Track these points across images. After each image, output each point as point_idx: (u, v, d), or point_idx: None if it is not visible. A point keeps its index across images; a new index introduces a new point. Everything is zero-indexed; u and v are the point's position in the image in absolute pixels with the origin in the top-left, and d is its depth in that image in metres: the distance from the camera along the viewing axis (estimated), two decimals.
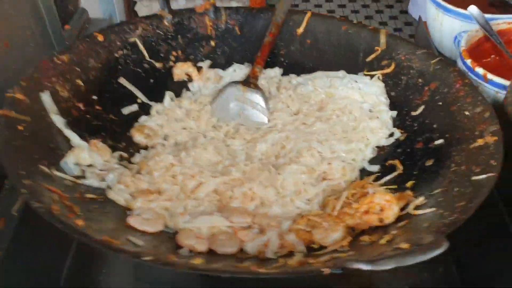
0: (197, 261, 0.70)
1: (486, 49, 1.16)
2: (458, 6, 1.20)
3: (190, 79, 1.17)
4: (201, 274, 0.79)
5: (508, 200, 0.87)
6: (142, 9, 2.04)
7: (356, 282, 0.88)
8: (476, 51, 1.16)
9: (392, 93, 1.11)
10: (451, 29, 1.21)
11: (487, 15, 1.14)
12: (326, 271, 0.61)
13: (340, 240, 0.79)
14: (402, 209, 0.83)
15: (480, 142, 0.86)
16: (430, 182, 0.87)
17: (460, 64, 1.08)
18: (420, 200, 0.83)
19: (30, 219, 0.83)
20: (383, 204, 0.82)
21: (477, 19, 1.11)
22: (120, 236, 0.74)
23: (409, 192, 0.86)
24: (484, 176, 0.78)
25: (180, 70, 1.16)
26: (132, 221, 0.81)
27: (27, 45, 1.07)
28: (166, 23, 1.17)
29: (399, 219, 0.82)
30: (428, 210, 0.79)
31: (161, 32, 1.17)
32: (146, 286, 0.93)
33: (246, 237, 0.82)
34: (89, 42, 1.06)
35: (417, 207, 0.82)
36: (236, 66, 1.19)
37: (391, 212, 0.81)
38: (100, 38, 1.08)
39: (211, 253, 0.78)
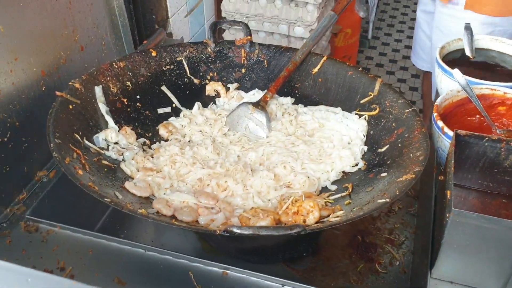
0: (144, 212, 0.98)
1: (472, 108, 1.31)
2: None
3: (218, 96, 1.47)
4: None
5: None
6: (228, 36, 2.39)
7: None
8: (462, 109, 1.32)
9: (371, 132, 1.31)
10: (447, 87, 1.37)
11: (472, 79, 1.29)
12: (218, 232, 0.86)
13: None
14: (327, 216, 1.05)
15: (403, 178, 1.05)
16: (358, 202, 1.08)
17: (432, 115, 1.25)
18: (340, 213, 1.04)
19: None
20: (308, 209, 1.04)
21: (459, 81, 1.27)
22: (109, 190, 1.05)
23: (338, 207, 1.08)
24: (383, 201, 0.98)
25: (211, 87, 1.46)
26: (126, 184, 1.11)
27: (100, 51, 1.44)
28: (209, 50, 1.48)
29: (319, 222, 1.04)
30: (337, 220, 1.00)
31: (203, 56, 1.48)
32: (158, 245, 1.22)
33: (202, 213, 1.08)
34: (144, 55, 1.40)
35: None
36: (255, 91, 1.47)
37: (313, 216, 1.04)
38: (154, 53, 1.42)
39: (171, 218, 1.06)
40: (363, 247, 1.30)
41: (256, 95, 1.46)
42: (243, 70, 1.50)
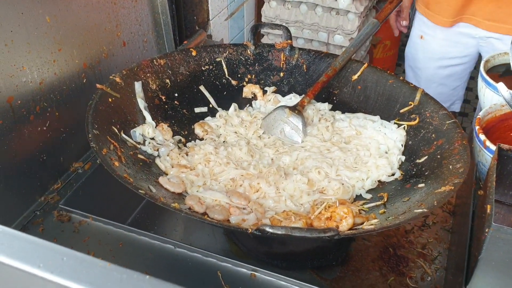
0: (177, 206, 0.97)
1: None
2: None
3: (255, 98, 1.46)
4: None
5: None
6: (267, 41, 2.40)
7: None
8: (505, 124, 1.28)
9: (410, 142, 1.28)
10: (490, 100, 1.34)
11: None
12: (250, 230, 0.85)
13: None
14: (361, 223, 1.03)
15: (442, 189, 1.02)
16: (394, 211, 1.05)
17: (474, 129, 1.22)
18: (374, 221, 1.02)
19: None
20: (342, 215, 1.02)
21: (503, 94, 1.24)
22: (143, 184, 1.05)
23: (372, 215, 1.05)
24: (420, 210, 0.95)
25: (249, 90, 1.46)
26: (161, 179, 1.12)
27: (141, 48, 1.46)
28: (249, 52, 1.48)
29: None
30: (372, 227, 0.98)
31: (243, 58, 1.48)
32: (191, 238, 1.23)
33: (234, 212, 1.08)
34: (184, 54, 1.41)
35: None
36: (293, 95, 1.46)
37: (346, 223, 1.02)
38: (194, 53, 1.43)
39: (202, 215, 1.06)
40: (394, 260, 1.27)
41: (293, 99, 1.45)
42: (282, 74, 1.49)
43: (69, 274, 0.40)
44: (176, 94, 1.38)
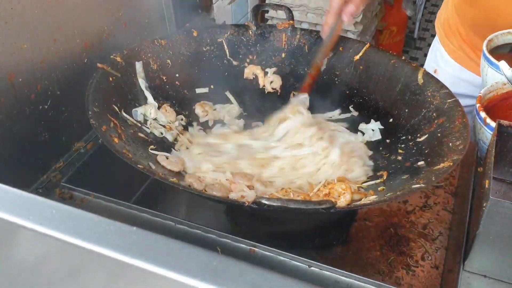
0: (175, 180, 0.98)
1: None
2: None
3: (256, 79, 1.46)
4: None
5: None
6: None
7: None
8: (507, 103, 1.27)
9: (412, 121, 1.27)
10: (492, 79, 1.33)
11: None
12: (247, 203, 0.86)
13: None
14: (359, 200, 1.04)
15: (440, 165, 1.02)
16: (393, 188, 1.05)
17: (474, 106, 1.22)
18: (372, 198, 1.02)
19: None
20: (340, 191, 1.02)
21: (505, 73, 1.23)
22: (143, 161, 1.06)
23: (371, 192, 1.05)
24: (417, 186, 0.95)
25: (250, 71, 1.46)
26: (159, 157, 1.12)
27: (143, 29, 1.46)
28: (250, 33, 1.48)
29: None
30: (369, 201, 0.98)
31: (244, 39, 1.48)
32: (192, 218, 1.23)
33: (234, 189, 1.08)
34: (185, 35, 1.41)
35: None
36: None
37: (344, 199, 1.02)
38: (195, 33, 1.42)
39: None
40: (395, 240, 1.27)
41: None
42: (283, 55, 1.49)
43: (57, 225, 0.41)
44: (177, 75, 1.38)
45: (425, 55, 3.75)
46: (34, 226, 0.40)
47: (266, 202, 0.81)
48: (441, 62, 1.75)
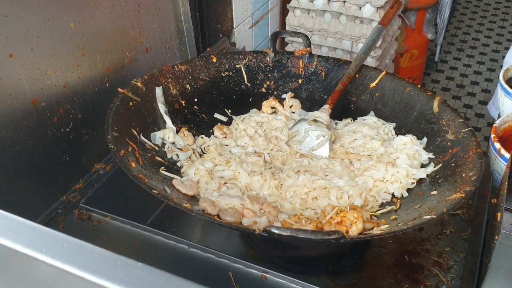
0: (188, 206, 1.00)
1: None
2: None
3: (276, 112, 1.47)
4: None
5: None
6: (290, 49, 2.42)
7: None
8: None
9: (426, 150, 1.28)
10: (509, 109, 1.33)
11: None
12: (258, 231, 0.87)
13: None
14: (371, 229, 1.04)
15: (453, 196, 1.02)
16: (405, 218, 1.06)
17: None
18: (384, 227, 1.02)
19: None
20: (352, 220, 1.03)
21: None
22: (159, 185, 1.08)
23: (383, 221, 1.06)
24: (428, 217, 0.95)
25: (267, 107, 1.46)
26: (174, 181, 1.15)
27: (164, 55, 1.50)
28: (268, 59, 1.51)
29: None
30: (379, 232, 0.99)
31: (262, 65, 1.51)
32: (207, 240, 1.25)
33: (247, 215, 1.10)
34: (205, 61, 1.45)
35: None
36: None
37: (356, 227, 1.02)
38: (214, 59, 1.46)
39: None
40: (409, 267, 1.27)
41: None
42: (300, 81, 1.51)
43: (68, 259, 0.43)
44: (195, 99, 1.41)
45: (447, 78, 3.76)
46: (46, 259, 0.42)
47: (276, 231, 0.83)
48: None
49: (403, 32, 2.91)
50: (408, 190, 1.20)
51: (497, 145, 1.15)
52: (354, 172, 1.25)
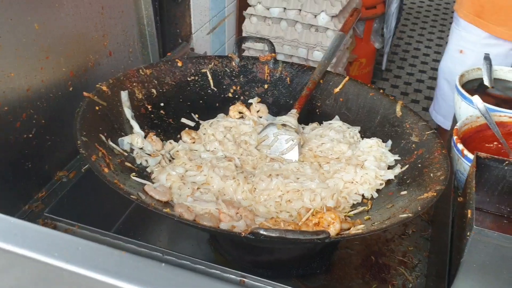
0: (169, 211, 0.98)
1: (490, 135, 1.32)
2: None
3: (243, 116, 1.47)
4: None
5: None
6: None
7: None
8: (480, 135, 1.33)
9: (392, 152, 1.32)
10: (466, 112, 1.39)
11: (492, 107, 1.31)
12: (243, 234, 0.86)
13: None
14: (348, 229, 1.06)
15: (424, 196, 1.06)
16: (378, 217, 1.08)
17: (452, 138, 1.27)
18: (360, 227, 1.04)
19: (95, 177, 1.09)
20: (329, 220, 1.05)
21: (479, 107, 1.29)
22: (133, 191, 1.05)
23: (358, 221, 1.08)
24: (405, 215, 0.98)
25: (234, 112, 1.46)
26: (146, 187, 1.12)
27: (126, 58, 1.47)
28: (234, 64, 1.51)
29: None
30: (355, 232, 1.01)
31: (228, 70, 1.50)
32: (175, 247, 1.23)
33: (224, 219, 1.09)
34: (170, 65, 1.43)
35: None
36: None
37: (334, 228, 1.04)
38: (180, 63, 1.44)
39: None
40: (376, 267, 1.30)
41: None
42: (266, 86, 1.52)
43: (84, 262, 0.41)
44: (162, 104, 1.39)
45: (392, 86, 3.89)
46: (60, 264, 0.40)
47: (264, 233, 0.82)
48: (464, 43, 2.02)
49: (353, 42, 2.99)
50: (378, 191, 1.23)
51: (460, 146, 1.20)
52: (324, 174, 1.27)
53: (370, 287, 1.24)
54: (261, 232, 0.83)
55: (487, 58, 1.52)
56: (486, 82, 1.51)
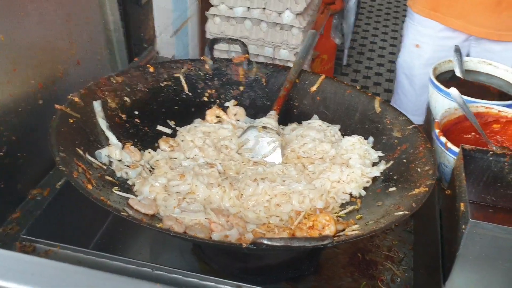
0: (162, 226, 0.94)
1: (468, 126, 1.34)
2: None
3: (220, 121, 1.43)
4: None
5: None
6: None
7: None
8: (459, 127, 1.35)
9: (375, 148, 1.31)
10: (442, 105, 1.40)
11: (468, 98, 1.33)
12: (245, 245, 0.83)
13: None
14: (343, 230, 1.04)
15: (416, 191, 1.05)
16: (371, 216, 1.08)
17: (433, 132, 1.27)
18: (355, 227, 1.03)
19: (70, 192, 1.07)
20: (324, 223, 1.03)
21: (456, 100, 1.30)
22: (119, 205, 1.01)
23: (352, 221, 1.07)
24: (401, 213, 0.98)
25: (211, 116, 1.42)
26: (131, 201, 1.07)
27: (95, 66, 1.41)
28: (207, 67, 1.47)
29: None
30: (354, 233, 0.99)
31: (201, 73, 1.46)
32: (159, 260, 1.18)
33: (216, 229, 1.05)
34: (142, 71, 1.38)
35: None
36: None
37: (329, 230, 1.02)
38: (151, 69, 1.39)
39: None
40: (364, 264, 1.30)
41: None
42: (241, 88, 1.49)
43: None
44: (136, 112, 1.34)
45: (352, 80, 3.93)
46: None
47: (268, 243, 0.79)
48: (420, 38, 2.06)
49: None
50: (365, 188, 1.22)
51: (443, 139, 1.21)
52: (309, 175, 1.25)
53: (360, 285, 1.23)
54: (265, 242, 0.80)
55: (457, 50, 1.54)
56: (458, 73, 1.53)
